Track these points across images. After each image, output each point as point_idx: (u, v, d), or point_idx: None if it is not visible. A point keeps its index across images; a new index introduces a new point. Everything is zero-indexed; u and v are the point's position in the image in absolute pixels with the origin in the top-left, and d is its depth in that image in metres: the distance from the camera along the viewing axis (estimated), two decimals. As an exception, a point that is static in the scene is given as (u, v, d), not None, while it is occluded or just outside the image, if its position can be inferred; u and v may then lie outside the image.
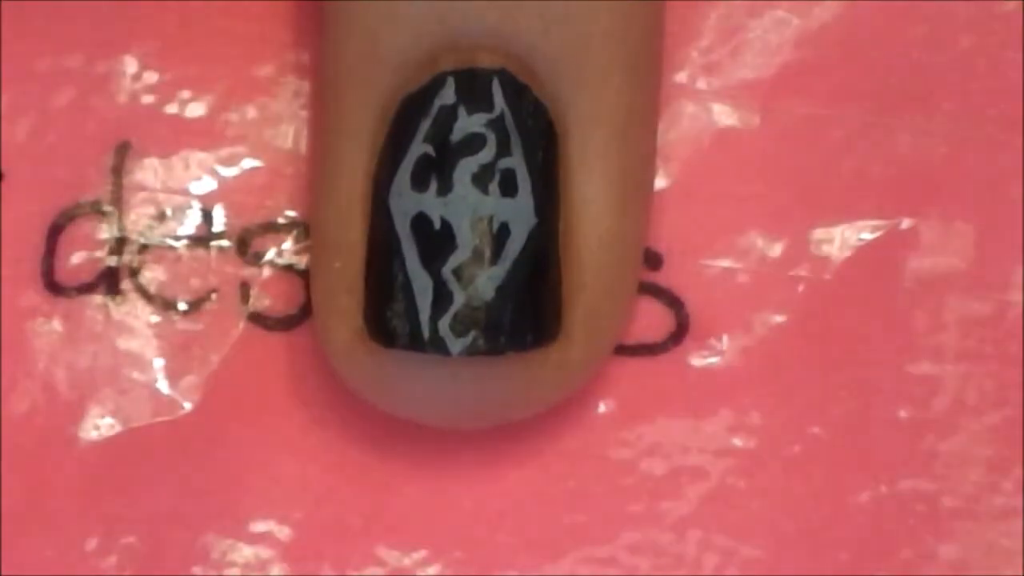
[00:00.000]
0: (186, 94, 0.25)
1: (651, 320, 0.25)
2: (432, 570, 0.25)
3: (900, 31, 0.25)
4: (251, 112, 0.25)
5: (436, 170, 0.22)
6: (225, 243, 0.25)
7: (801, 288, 0.25)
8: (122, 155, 0.25)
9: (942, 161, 0.25)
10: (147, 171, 0.25)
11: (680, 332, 0.25)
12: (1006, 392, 0.25)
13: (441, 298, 0.22)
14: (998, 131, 0.25)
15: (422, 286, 0.22)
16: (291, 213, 0.25)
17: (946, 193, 0.25)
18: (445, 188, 0.22)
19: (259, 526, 0.25)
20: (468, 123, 0.22)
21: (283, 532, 0.25)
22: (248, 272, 0.25)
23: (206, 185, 0.25)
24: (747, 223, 0.25)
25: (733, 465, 0.25)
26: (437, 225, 0.22)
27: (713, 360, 0.25)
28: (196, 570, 0.25)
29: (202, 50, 0.25)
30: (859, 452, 0.25)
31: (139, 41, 0.25)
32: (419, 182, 0.22)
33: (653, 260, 0.25)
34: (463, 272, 0.22)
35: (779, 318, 0.25)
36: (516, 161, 0.22)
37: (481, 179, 0.22)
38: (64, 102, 0.25)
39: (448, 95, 0.22)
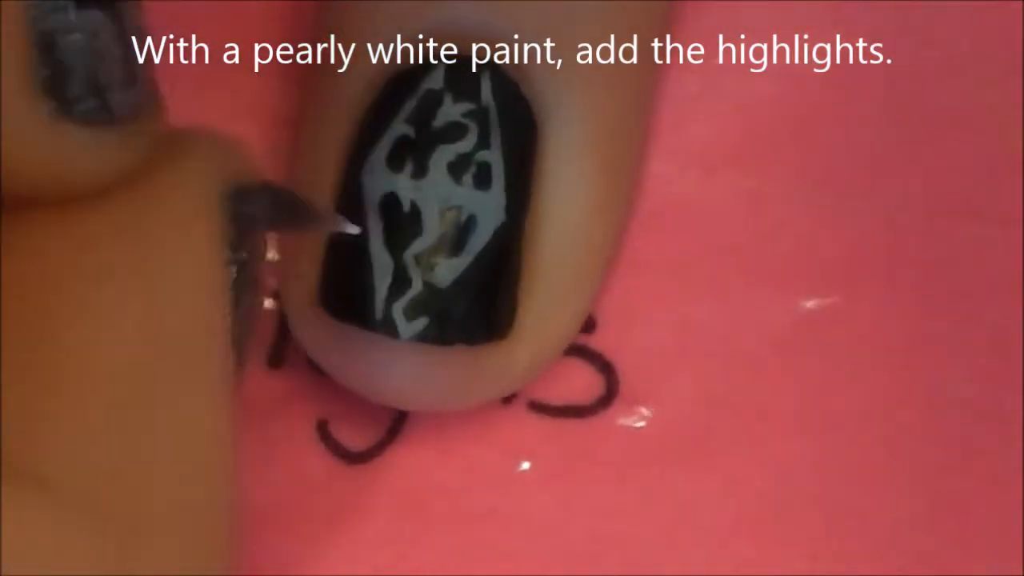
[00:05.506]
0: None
1: (580, 382, 0.25)
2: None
3: (849, 111, 0.25)
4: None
5: (413, 153, 0.22)
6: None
7: (736, 359, 0.25)
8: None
9: (883, 244, 0.25)
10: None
11: (609, 396, 0.25)
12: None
13: (400, 281, 0.22)
14: (941, 216, 0.25)
15: (383, 266, 0.22)
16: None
17: (884, 275, 0.25)
18: (420, 172, 0.22)
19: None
20: (452, 111, 0.22)
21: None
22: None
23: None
24: (684, 292, 0.25)
25: (654, 531, 0.24)
26: (406, 208, 0.22)
27: (639, 425, 0.25)
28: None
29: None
30: (784, 528, 0.24)
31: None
32: (395, 163, 0.22)
33: (587, 323, 0.25)
34: (424, 258, 0.22)
35: (712, 389, 0.25)
36: (494, 156, 0.22)
37: (457, 168, 0.22)
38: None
39: (437, 80, 0.22)
